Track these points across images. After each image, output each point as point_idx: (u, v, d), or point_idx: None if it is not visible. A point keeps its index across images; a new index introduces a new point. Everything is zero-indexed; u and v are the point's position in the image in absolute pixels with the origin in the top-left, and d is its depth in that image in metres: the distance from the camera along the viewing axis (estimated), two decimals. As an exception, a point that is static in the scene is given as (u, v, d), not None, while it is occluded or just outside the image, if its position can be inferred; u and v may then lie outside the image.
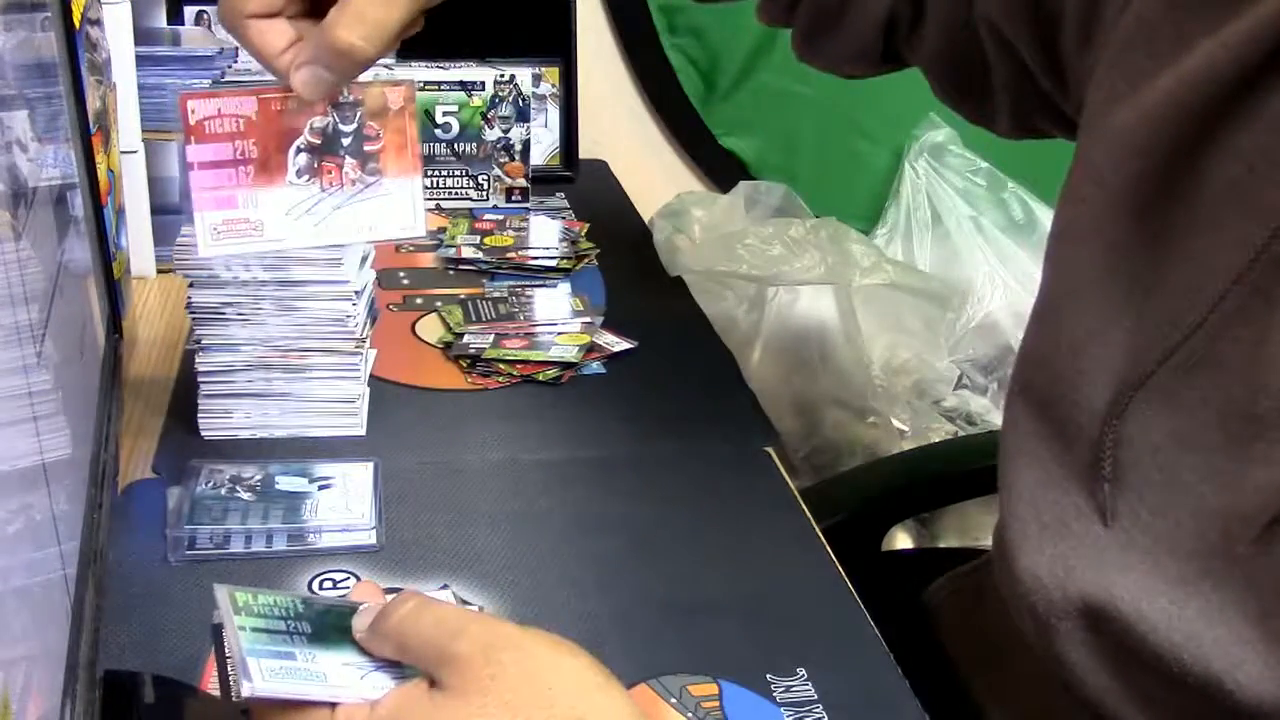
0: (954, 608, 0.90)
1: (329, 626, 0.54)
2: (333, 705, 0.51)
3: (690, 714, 0.65)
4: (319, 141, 0.66)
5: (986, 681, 0.83)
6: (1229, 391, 0.61)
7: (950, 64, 0.85)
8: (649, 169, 1.66)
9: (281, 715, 0.51)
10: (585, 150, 1.46)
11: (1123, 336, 0.65)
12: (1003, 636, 0.75)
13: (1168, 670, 0.62)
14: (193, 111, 0.64)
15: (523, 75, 1.31)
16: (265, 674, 0.50)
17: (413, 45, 1.51)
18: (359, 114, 0.66)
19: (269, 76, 0.65)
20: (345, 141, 0.67)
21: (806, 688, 0.68)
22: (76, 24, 0.79)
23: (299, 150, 0.66)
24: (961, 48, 0.83)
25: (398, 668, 0.53)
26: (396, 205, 0.68)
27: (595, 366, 1.01)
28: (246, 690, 0.50)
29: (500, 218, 1.28)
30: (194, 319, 0.84)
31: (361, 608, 0.55)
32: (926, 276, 1.61)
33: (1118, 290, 0.66)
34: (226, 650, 0.52)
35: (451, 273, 1.17)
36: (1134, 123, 0.65)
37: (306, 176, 0.66)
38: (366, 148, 0.67)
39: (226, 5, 0.64)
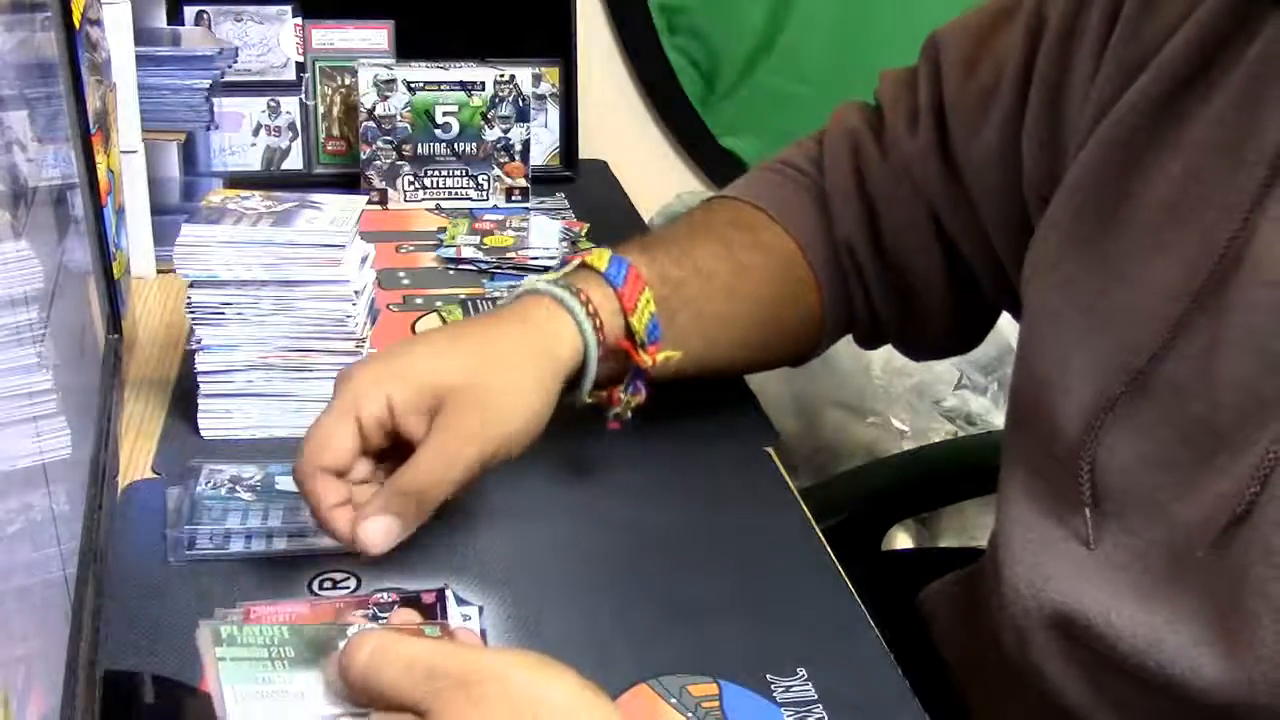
0: (949, 610, 0.91)
1: (314, 648, 0.53)
2: None
3: (690, 714, 0.65)
4: None
5: (981, 683, 0.83)
6: (1186, 409, 0.63)
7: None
8: (649, 169, 1.65)
9: None
10: (585, 150, 1.46)
11: (1086, 367, 0.67)
12: (996, 640, 0.75)
13: (1136, 675, 0.64)
14: None
15: (523, 75, 1.31)
16: (239, 698, 0.50)
17: (413, 45, 1.50)
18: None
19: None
20: None
21: (806, 688, 0.68)
22: (76, 24, 0.79)
23: None
24: None
25: None
26: None
27: (595, 366, 1.01)
28: (220, 715, 0.50)
29: (500, 218, 1.28)
30: (194, 319, 0.84)
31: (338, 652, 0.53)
32: (926, 276, 1.61)
33: (1078, 322, 0.69)
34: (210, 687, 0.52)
35: (451, 273, 1.17)
36: (1076, 164, 0.70)
37: None
38: None
39: (304, 458, 0.69)
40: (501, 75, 1.30)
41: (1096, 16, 0.71)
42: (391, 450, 0.71)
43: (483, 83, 1.29)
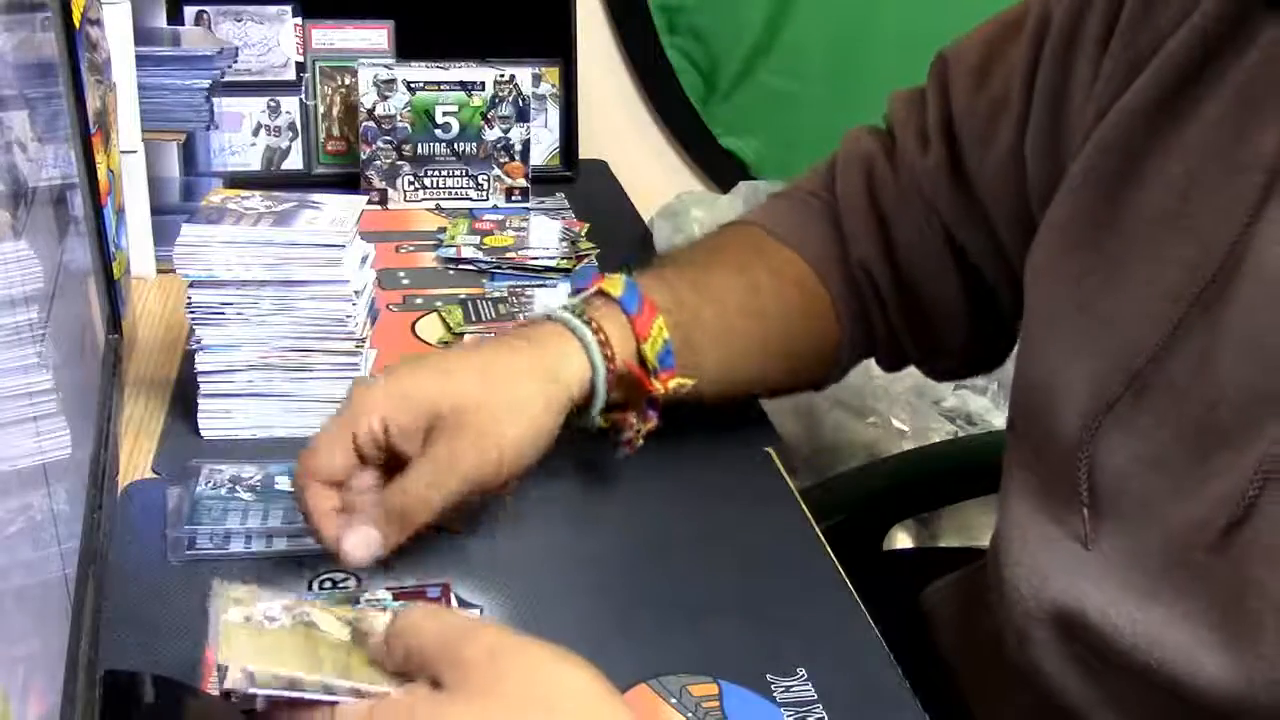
0: (950, 610, 0.91)
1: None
2: (333, 704, 0.51)
3: (690, 714, 0.65)
4: None
5: (982, 683, 0.83)
6: (1182, 410, 0.63)
7: None
8: (649, 169, 1.65)
9: (284, 715, 0.51)
10: (585, 150, 1.46)
11: (1085, 368, 0.68)
12: (997, 639, 0.75)
13: (1137, 674, 0.64)
14: None
15: (523, 75, 1.31)
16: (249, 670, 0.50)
17: (413, 45, 1.50)
18: None
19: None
20: None
21: (806, 688, 0.68)
22: (76, 24, 0.79)
23: None
24: None
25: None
26: None
27: (595, 366, 1.01)
28: (229, 684, 0.50)
29: (500, 218, 1.28)
30: (194, 319, 0.84)
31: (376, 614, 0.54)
32: (926, 276, 1.61)
33: (1079, 323, 0.69)
34: (210, 644, 0.52)
35: (451, 273, 1.17)
36: (1075, 166, 0.70)
37: None
38: None
39: (301, 465, 0.70)
40: (501, 75, 1.30)
41: (1095, 21, 0.71)
42: (399, 462, 0.71)
43: (483, 83, 1.29)
